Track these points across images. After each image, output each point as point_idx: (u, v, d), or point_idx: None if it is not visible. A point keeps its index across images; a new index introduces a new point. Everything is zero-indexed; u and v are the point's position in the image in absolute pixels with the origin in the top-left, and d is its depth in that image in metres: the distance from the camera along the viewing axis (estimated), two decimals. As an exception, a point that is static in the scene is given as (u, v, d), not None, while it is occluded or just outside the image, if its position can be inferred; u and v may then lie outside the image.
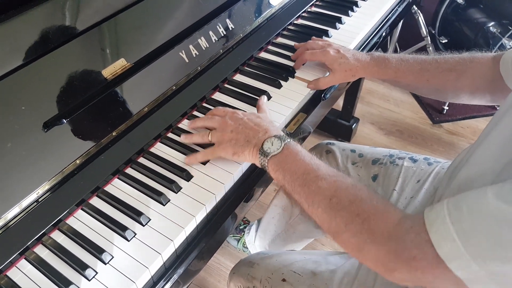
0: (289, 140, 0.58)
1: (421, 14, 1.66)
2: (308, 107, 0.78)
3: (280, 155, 0.57)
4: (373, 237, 0.45)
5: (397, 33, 1.77)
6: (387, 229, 0.45)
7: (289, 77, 0.80)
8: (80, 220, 0.57)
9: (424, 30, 1.70)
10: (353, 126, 1.62)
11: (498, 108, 0.62)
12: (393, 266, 0.44)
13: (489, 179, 0.48)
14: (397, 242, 0.43)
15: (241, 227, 1.29)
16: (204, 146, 0.66)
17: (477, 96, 0.70)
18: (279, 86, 0.78)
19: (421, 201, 0.75)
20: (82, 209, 0.58)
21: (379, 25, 1.00)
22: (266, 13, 0.89)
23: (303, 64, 0.83)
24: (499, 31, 1.53)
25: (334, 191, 0.51)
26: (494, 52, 1.47)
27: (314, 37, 0.87)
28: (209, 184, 0.61)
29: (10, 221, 0.53)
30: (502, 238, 0.37)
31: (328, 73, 0.79)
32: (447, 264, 0.39)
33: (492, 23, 1.59)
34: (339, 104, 1.62)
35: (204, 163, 0.64)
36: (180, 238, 0.56)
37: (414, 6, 1.62)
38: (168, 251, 0.54)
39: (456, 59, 0.70)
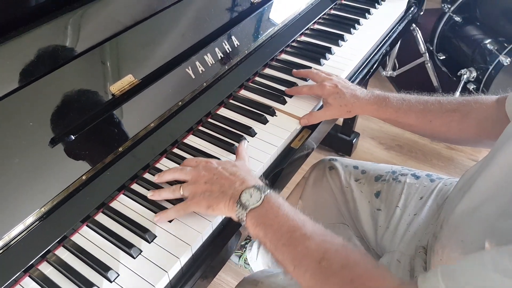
0: (269, 191, 0.54)
1: (419, 31, 1.69)
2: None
3: (260, 208, 0.52)
4: None
5: (396, 50, 1.80)
6: None
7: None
8: (85, 237, 0.57)
9: (422, 47, 1.73)
10: (353, 141, 1.63)
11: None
12: None
13: (492, 209, 0.48)
14: None
15: (242, 243, 1.28)
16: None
17: (483, 139, 0.67)
18: (283, 102, 0.79)
19: (424, 218, 0.75)
20: (87, 225, 0.58)
21: (380, 43, 1.02)
22: (270, 31, 0.90)
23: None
24: (496, 48, 1.55)
25: (323, 252, 0.47)
26: (492, 67, 1.49)
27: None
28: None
29: (14, 238, 0.53)
30: None
31: (321, 103, 0.78)
32: None
33: (489, 40, 1.62)
34: (340, 118, 1.64)
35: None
36: (186, 256, 0.55)
37: (413, 23, 1.65)
38: (174, 269, 0.54)
39: (459, 100, 0.68)
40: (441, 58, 1.79)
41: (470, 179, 0.58)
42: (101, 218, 0.59)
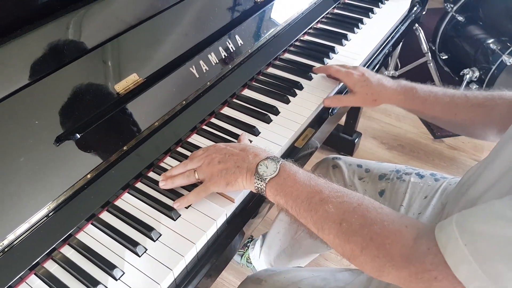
0: (283, 160, 0.56)
1: (421, 31, 1.69)
2: (315, 123, 0.78)
3: (277, 178, 0.54)
4: (392, 261, 0.44)
5: (398, 50, 1.80)
6: (404, 252, 0.44)
7: (297, 93, 0.81)
8: (90, 235, 0.57)
9: (424, 46, 1.72)
10: (355, 141, 1.63)
11: None
12: (416, 286, 0.43)
13: (493, 197, 0.48)
14: (417, 265, 0.43)
15: (244, 242, 1.28)
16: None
17: None
18: (287, 101, 0.79)
19: (429, 217, 0.75)
20: (92, 223, 0.58)
21: (384, 42, 1.01)
22: (273, 30, 0.90)
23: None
24: (499, 48, 1.55)
25: (342, 214, 0.49)
26: (495, 67, 1.49)
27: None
28: (219, 199, 0.61)
29: (20, 236, 0.53)
30: None
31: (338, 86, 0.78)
32: (467, 287, 0.39)
33: (492, 40, 1.61)
34: (342, 118, 1.63)
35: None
36: (191, 254, 0.55)
37: (415, 23, 1.64)
38: (179, 267, 0.54)
39: (485, 94, 0.68)
40: (443, 57, 1.79)
41: (474, 174, 0.58)
42: (106, 216, 0.59)
